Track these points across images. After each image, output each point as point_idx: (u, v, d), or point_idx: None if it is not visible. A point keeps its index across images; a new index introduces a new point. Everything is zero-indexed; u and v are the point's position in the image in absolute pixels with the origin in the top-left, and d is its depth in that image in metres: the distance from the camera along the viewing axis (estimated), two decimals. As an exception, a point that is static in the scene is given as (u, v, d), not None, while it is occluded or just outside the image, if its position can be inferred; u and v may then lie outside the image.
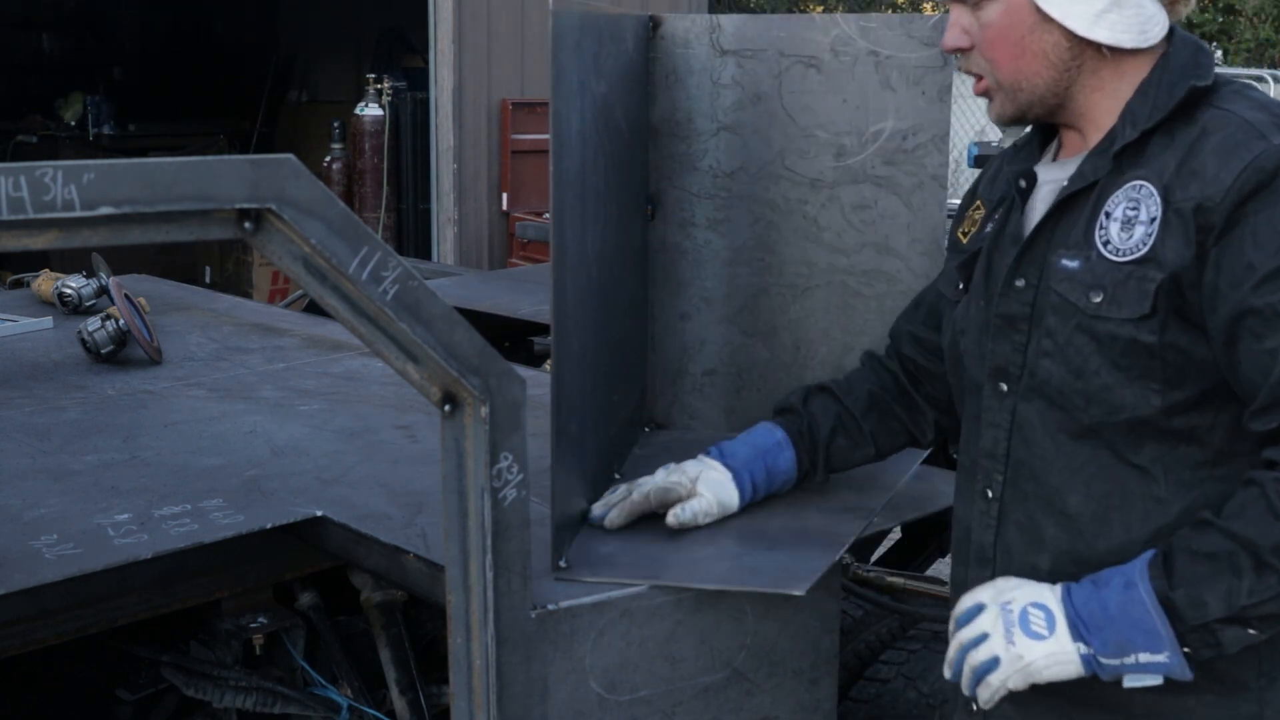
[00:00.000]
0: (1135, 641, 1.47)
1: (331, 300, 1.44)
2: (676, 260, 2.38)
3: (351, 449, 2.34)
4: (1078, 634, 1.50)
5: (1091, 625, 1.50)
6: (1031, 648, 1.52)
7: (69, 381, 2.78)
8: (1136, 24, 1.57)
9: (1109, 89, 1.61)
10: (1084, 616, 1.50)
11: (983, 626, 1.57)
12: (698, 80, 2.31)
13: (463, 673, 1.64)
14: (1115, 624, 1.48)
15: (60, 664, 2.25)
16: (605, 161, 1.99)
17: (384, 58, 9.67)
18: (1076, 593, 1.53)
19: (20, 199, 1.21)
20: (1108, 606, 1.49)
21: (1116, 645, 1.48)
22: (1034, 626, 1.52)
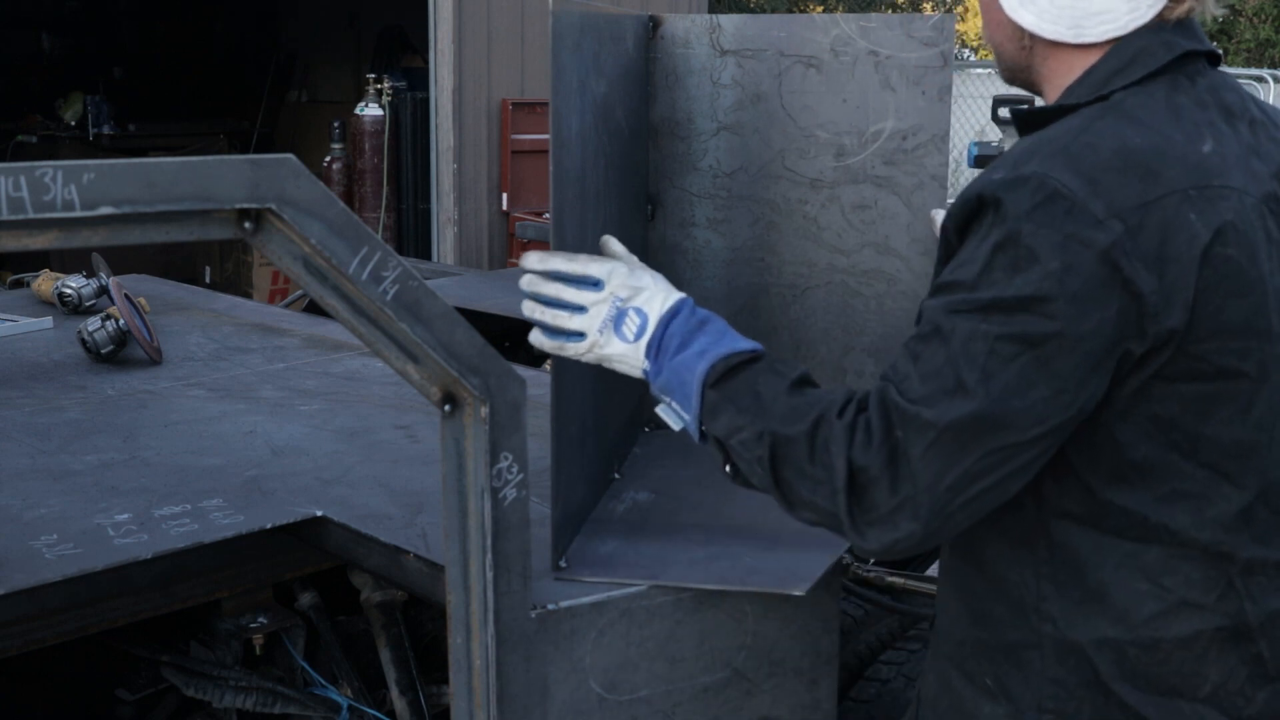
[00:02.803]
0: (675, 392, 1.55)
1: (331, 300, 1.44)
2: (676, 260, 2.38)
3: (351, 449, 2.34)
4: (650, 353, 1.59)
5: (660, 357, 1.58)
6: (614, 344, 1.61)
7: (69, 381, 2.78)
8: (1070, 15, 1.46)
9: (1058, 82, 1.52)
10: (661, 346, 1.58)
11: (586, 300, 1.62)
12: (698, 80, 2.31)
13: (463, 673, 1.64)
14: (671, 370, 1.56)
15: (60, 664, 2.25)
16: (605, 161, 1.99)
17: (384, 58, 9.67)
18: (676, 324, 1.58)
19: (20, 199, 1.22)
20: (678, 354, 1.56)
21: (664, 384, 1.57)
22: (624, 329, 1.61)
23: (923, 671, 1.75)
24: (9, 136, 9.53)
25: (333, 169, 8.16)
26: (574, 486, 1.88)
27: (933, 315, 1.38)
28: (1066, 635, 1.46)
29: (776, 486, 1.45)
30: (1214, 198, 1.35)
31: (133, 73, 11.08)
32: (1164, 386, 1.37)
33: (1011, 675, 1.51)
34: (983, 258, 1.35)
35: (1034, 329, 1.32)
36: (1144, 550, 1.43)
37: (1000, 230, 1.34)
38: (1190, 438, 1.39)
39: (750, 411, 1.47)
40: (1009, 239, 1.33)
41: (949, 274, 1.40)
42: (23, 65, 10.55)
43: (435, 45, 7.85)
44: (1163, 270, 1.33)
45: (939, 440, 1.33)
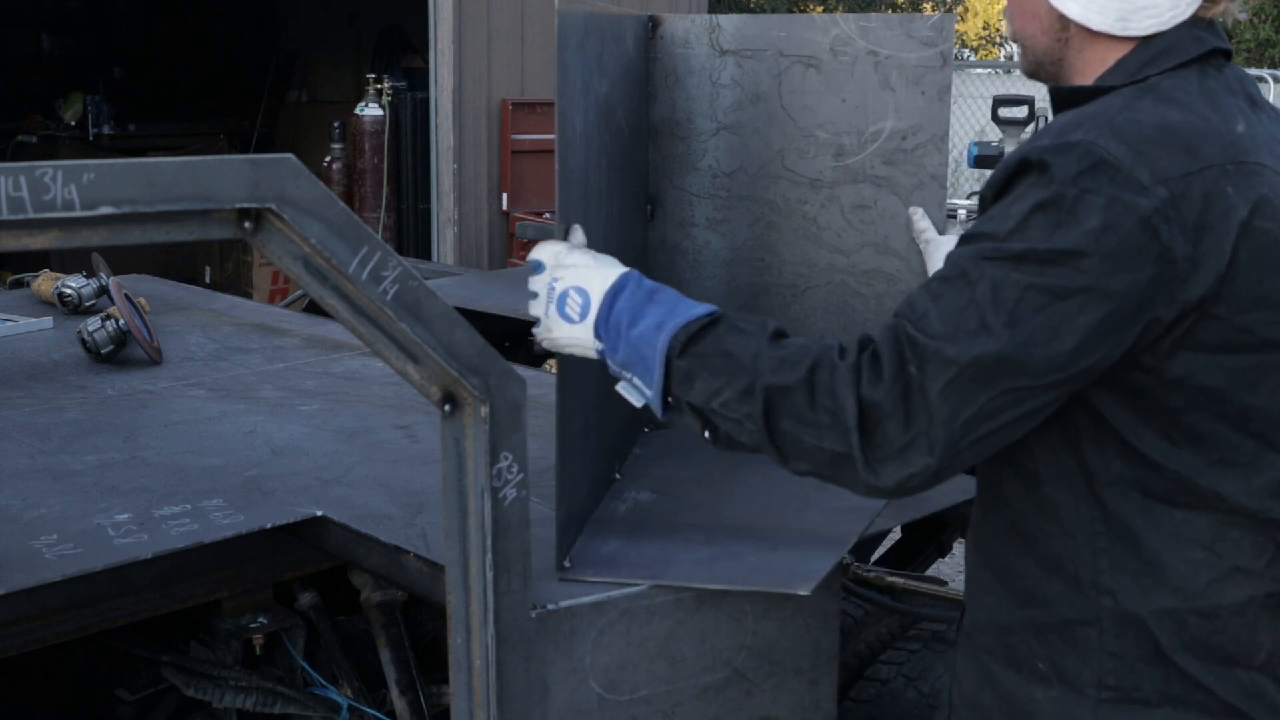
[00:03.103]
0: (634, 367, 1.55)
1: (331, 300, 1.44)
2: (676, 260, 2.38)
3: (351, 449, 2.34)
4: (598, 332, 1.58)
5: (611, 333, 1.57)
6: (560, 327, 1.61)
7: (69, 381, 2.78)
8: (1117, 9, 1.51)
9: (1090, 72, 1.56)
10: (611, 323, 1.57)
11: (536, 286, 1.64)
12: (697, 80, 2.31)
13: (463, 673, 1.64)
14: (628, 345, 1.56)
15: (60, 664, 2.25)
16: (607, 161, 1.99)
17: (384, 58, 9.67)
18: (623, 299, 1.58)
19: (20, 199, 1.22)
20: (632, 328, 1.55)
21: (622, 361, 1.57)
22: (568, 309, 1.60)
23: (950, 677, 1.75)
24: (9, 136, 9.53)
25: (333, 169, 8.16)
26: (578, 486, 1.88)
27: (959, 260, 1.41)
28: (1126, 608, 1.48)
29: (771, 440, 1.45)
30: (1249, 174, 1.40)
31: (133, 73, 11.08)
32: (1210, 358, 1.41)
33: (1066, 655, 1.52)
34: (1020, 213, 1.39)
35: (1065, 282, 1.36)
36: (1195, 518, 1.45)
37: (1044, 191, 1.38)
38: (1239, 409, 1.43)
39: (726, 372, 1.47)
40: (1053, 200, 1.38)
41: (979, 226, 1.43)
42: (23, 65, 10.55)
43: (435, 45, 7.85)
44: (1198, 239, 1.37)
45: (960, 376, 1.36)
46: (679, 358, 1.51)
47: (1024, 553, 1.55)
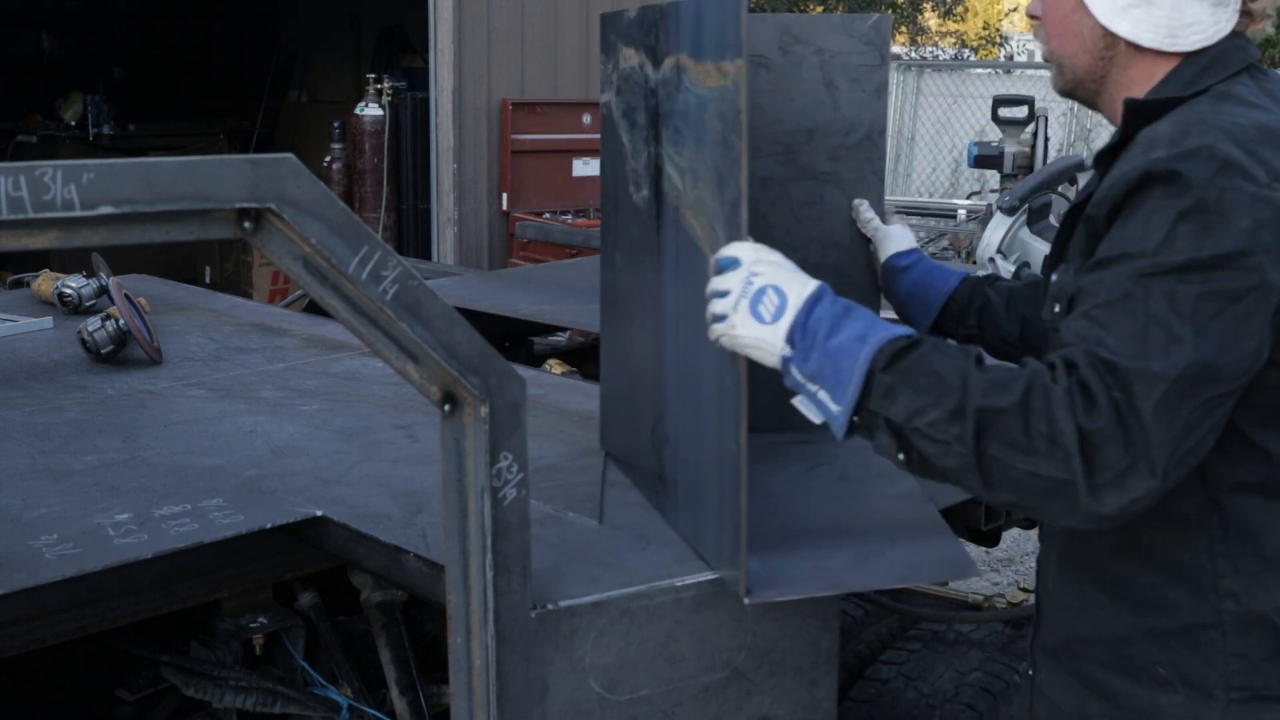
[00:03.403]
0: (826, 380, 1.49)
1: (331, 300, 1.44)
2: None
3: (351, 449, 2.34)
4: (792, 338, 1.52)
5: (806, 340, 1.51)
6: (747, 326, 1.54)
7: (69, 381, 2.78)
8: (1166, 26, 1.57)
9: (1136, 90, 1.61)
10: (808, 329, 1.51)
11: (728, 283, 1.57)
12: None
13: (463, 673, 1.64)
14: (824, 355, 1.50)
15: (60, 664, 2.25)
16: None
17: (384, 58, 9.67)
18: (821, 309, 1.52)
19: (20, 199, 1.22)
20: (832, 338, 1.50)
21: (812, 371, 1.50)
22: (761, 308, 1.54)
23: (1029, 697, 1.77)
24: (9, 136, 9.53)
25: (333, 169, 8.16)
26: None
27: (1114, 283, 1.41)
28: (1250, 608, 1.51)
29: (978, 465, 1.40)
30: None
31: (133, 73, 11.08)
32: None
33: (1189, 660, 1.54)
34: (1163, 226, 1.40)
35: (1234, 284, 1.38)
36: None
37: (1181, 199, 1.40)
38: None
39: (933, 392, 1.43)
40: (1195, 207, 1.39)
41: (1116, 247, 1.44)
42: (23, 65, 10.55)
43: (435, 45, 7.84)
44: None
45: (1169, 392, 1.36)
46: (883, 372, 1.46)
47: (1141, 565, 1.57)
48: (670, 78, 1.83)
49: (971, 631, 2.56)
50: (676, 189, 1.83)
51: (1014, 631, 2.54)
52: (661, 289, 1.94)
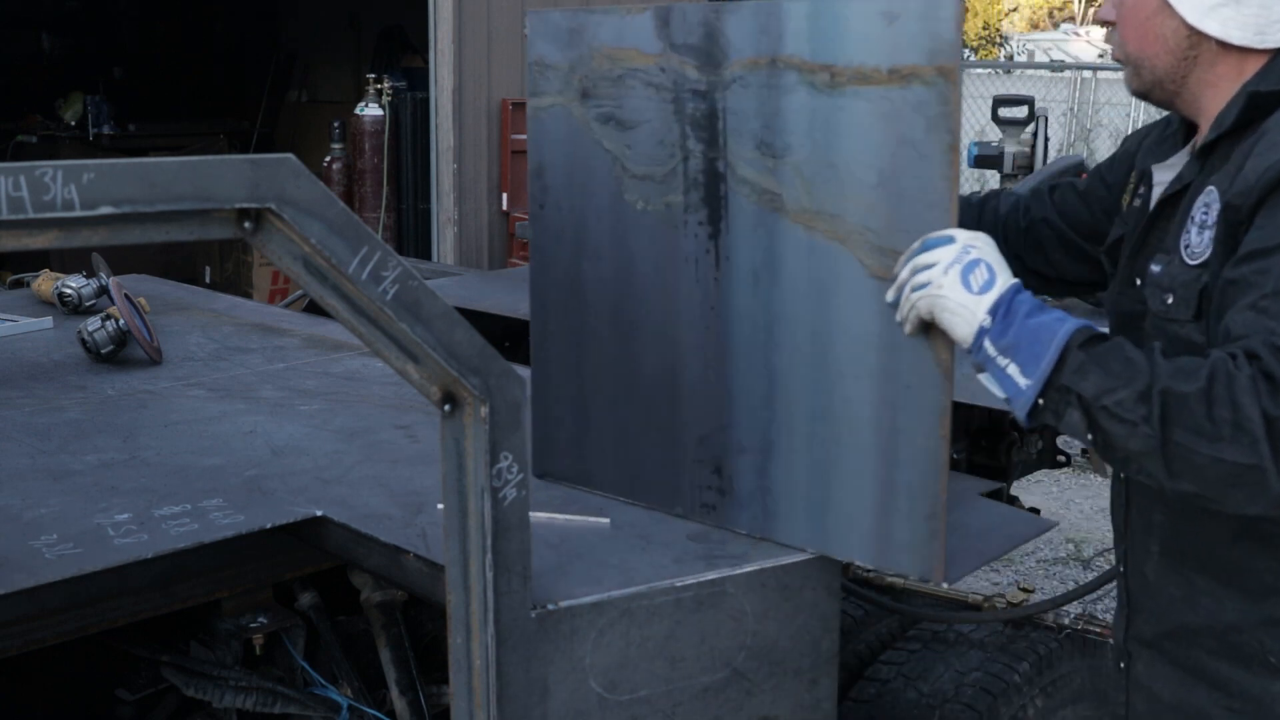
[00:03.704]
0: (1020, 354, 1.52)
1: (331, 300, 1.44)
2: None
3: (351, 449, 2.34)
4: (995, 311, 1.55)
5: (1008, 316, 1.54)
6: (955, 291, 1.57)
7: (69, 381, 2.78)
8: (1255, 23, 1.60)
9: (1223, 86, 1.64)
10: (1012, 306, 1.55)
11: (938, 256, 1.60)
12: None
13: (463, 673, 1.64)
14: (1022, 330, 1.53)
15: (60, 664, 2.25)
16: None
17: (384, 58, 9.67)
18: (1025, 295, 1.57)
19: (20, 199, 1.21)
20: (1031, 317, 1.53)
21: (1008, 344, 1.53)
22: (972, 279, 1.57)
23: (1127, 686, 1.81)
24: (9, 136, 9.53)
25: (333, 169, 8.15)
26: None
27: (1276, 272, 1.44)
28: None
29: (1163, 449, 1.43)
30: None
31: (133, 73, 11.08)
32: None
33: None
34: None
35: None
36: None
37: None
38: None
39: (1123, 374, 1.46)
40: None
41: (1274, 237, 1.46)
42: (23, 65, 10.55)
43: (435, 45, 7.84)
44: None
45: None
46: (1078, 349, 1.50)
47: (1260, 552, 1.60)
48: (751, 78, 1.80)
49: (971, 631, 2.56)
50: (770, 193, 1.81)
51: (1014, 631, 2.54)
52: (724, 299, 1.90)
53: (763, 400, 1.89)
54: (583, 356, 2.07)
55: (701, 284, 1.92)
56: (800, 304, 1.81)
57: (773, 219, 1.82)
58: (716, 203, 1.87)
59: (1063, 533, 5.73)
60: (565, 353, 2.09)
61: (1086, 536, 5.72)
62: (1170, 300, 1.60)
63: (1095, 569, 5.34)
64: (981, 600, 2.51)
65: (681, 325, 1.95)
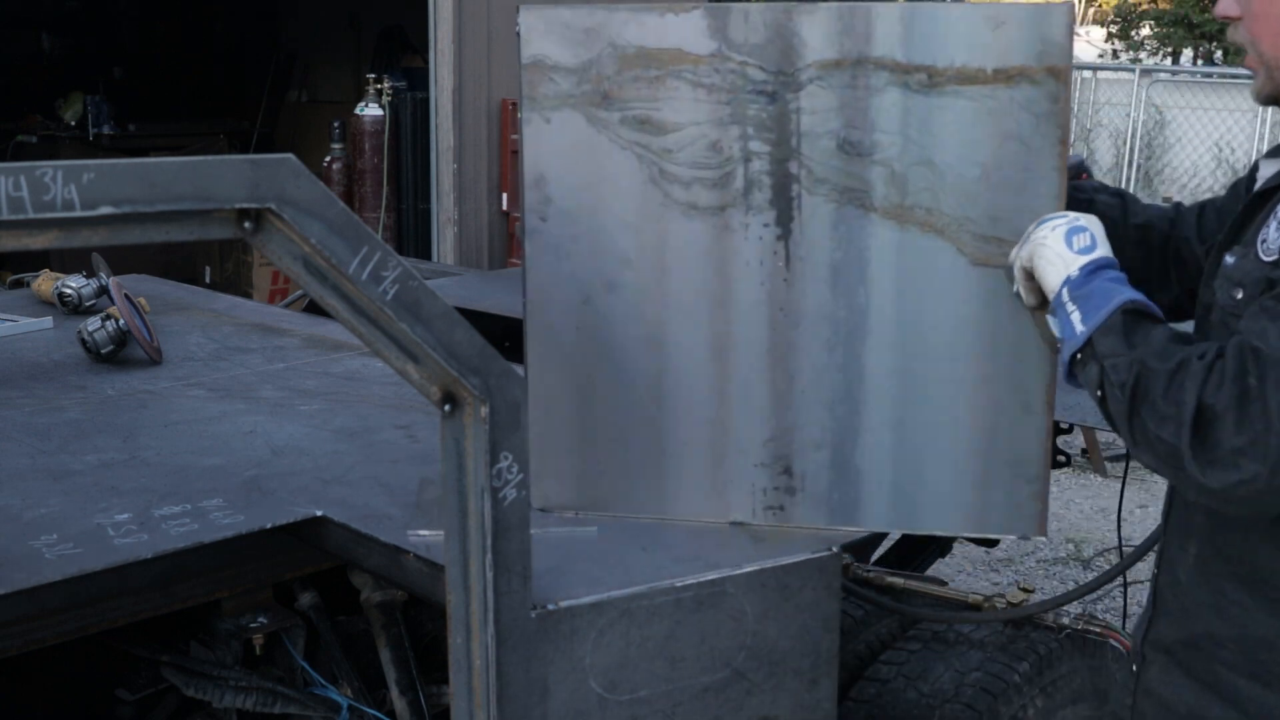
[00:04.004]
0: (1085, 302, 1.60)
1: (331, 300, 1.44)
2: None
3: (351, 449, 2.34)
4: (1084, 267, 1.63)
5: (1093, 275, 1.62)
6: (1058, 244, 1.66)
7: (69, 381, 2.78)
8: None
9: None
10: (1098, 268, 1.63)
11: (1054, 222, 1.70)
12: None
13: (463, 673, 1.64)
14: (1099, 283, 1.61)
15: (60, 664, 2.25)
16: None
17: (384, 58, 9.66)
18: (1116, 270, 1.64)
19: (20, 199, 1.22)
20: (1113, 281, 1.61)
21: (1080, 293, 1.61)
22: (1074, 240, 1.66)
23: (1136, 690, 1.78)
24: (9, 136, 9.53)
25: (333, 169, 8.15)
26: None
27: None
28: None
29: (1129, 418, 1.49)
30: None
31: (133, 73, 11.08)
32: None
33: None
34: None
35: None
36: None
37: None
38: None
39: (1132, 343, 1.52)
40: None
41: None
42: (23, 65, 10.54)
43: (435, 45, 7.84)
44: None
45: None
46: (1122, 313, 1.55)
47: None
48: (832, 78, 1.82)
49: (971, 631, 2.56)
50: (855, 192, 1.85)
51: (1014, 631, 2.54)
52: (794, 300, 1.89)
53: (842, 395, 1.92)
54: (598, 375, 1.97)
55: (766, 286, 1.90)
56: (888, 296, 1.88)
57: (856, 216, 1.86)
58: (787, 204, 1.87)
59: (1063, 533, 5.73)
60: (573, 375, 1.98)
61: (1086, 536, 5.72)
62: (1240, 295, 1.57)
63: (1095, 569, 5.34)
64: (981, 600, 2.50)
65: (737, 330, 1.92)
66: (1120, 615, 3.61)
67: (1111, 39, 19.26)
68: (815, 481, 1.96)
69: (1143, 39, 18.48)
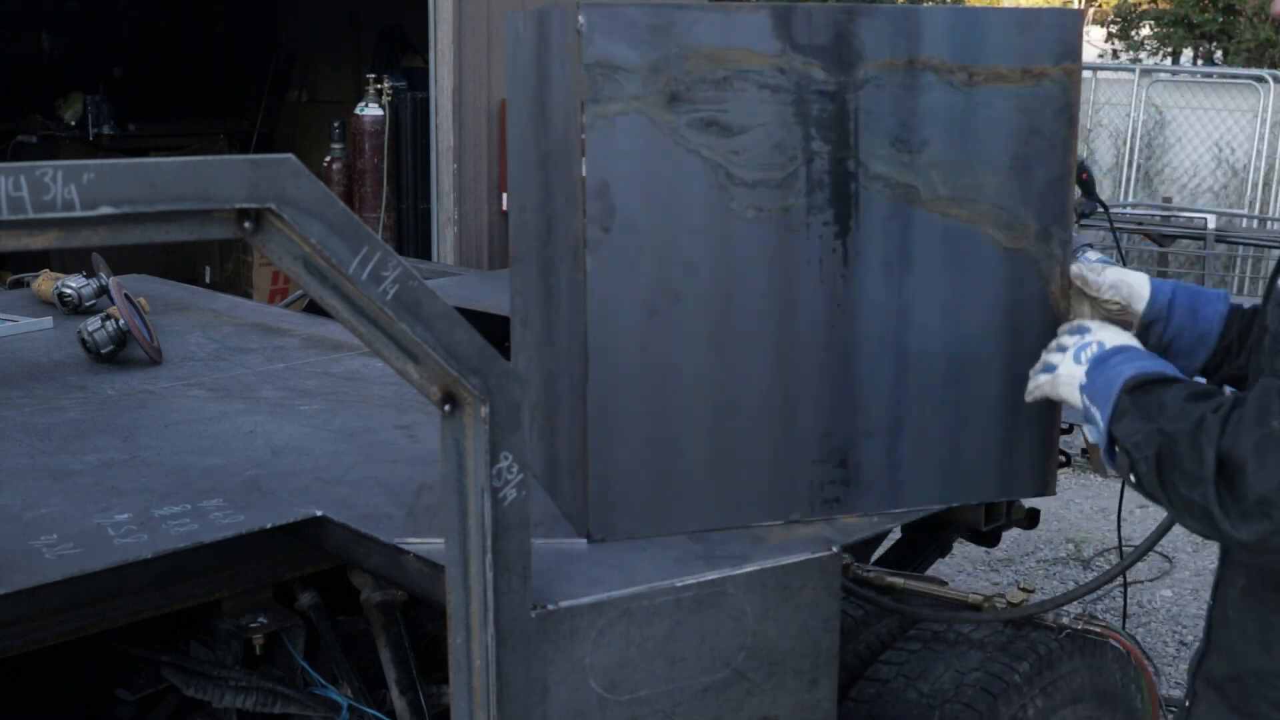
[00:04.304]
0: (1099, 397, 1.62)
1: (331, 300, 1.44)
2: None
3: (351, 449, 2.34)
4: (1089, 369, 1.68)
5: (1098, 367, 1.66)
6: (1068, 367, 1.73)
7: (69, 381, 2.78)
8: None
9: None
10: (1101, 360, 1.67)
11: (1069, 341, 1.77)
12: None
13: (463, 673, 1.64)
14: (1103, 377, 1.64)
15: (60, 664, 2.25)
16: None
17: (384, 58, 9.66)
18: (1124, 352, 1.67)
19: (20, 199, 1.22)
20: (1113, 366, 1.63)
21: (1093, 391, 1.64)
22: (1082, 355, 1.72)
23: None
24: (9, 136, 9.52)
25: (333, 169, 8.15)
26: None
27: None
28: None
29: (1162, 489, 1.46)
30: None
31: (133, 73, 11.07)
32: None
33: None
34: None
35: None
36: None
37: None
38: None
39: (1148, 416, 1.50)
40: None
41: None
42: (23, 65, 10.54)
43: (435, 45, 7.84)
44: None
45: None
46: (1127, 393, 1.55)
47: None
48: (887, 78, 1.90)
49: (971, 631, 2.56)
50: (905, 186, 1.94)
51: (1014, 631, 2.54)
52: (852, 295, 1.95)
53: (892, 383, 2.01)
54: (665, 392, 1.90)
55: (826, 283, 1.95)
56: (933, 285, 1.99)
57: (906, 210, 1.96)
58: (846, 201, 1.93)
59: (1063, 533, 5.73)
60: (640, 396, 1.89)
61: (1086, 536, 5.72)
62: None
63: (1095, 569, 5.34)
64: (981, 600, 2.50)
65: (801, 328, 1.95)
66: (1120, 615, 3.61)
67: (1111, 39, 19.26)
68: (868, 470, 2.04)
69: (1143, 39, 18.47)
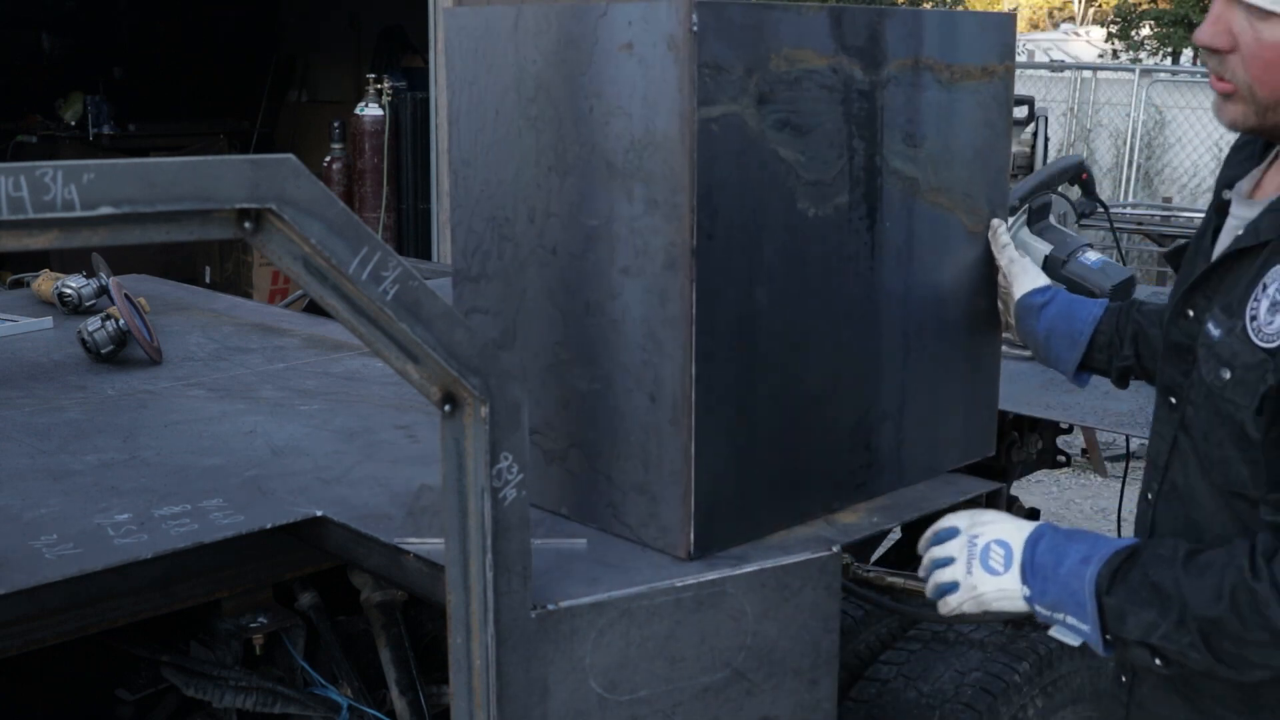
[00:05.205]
0: (1067, 606, 1.57)
1: (331, 300, 1.44)
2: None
3: (351, 449, 2.34)
4: (1025, 578, 1.61)
5: (1038, 575, 1.59)
6: (985, 581, 1.64)
7: (69, 381, 2.78)
8: None
9: None
10: (1036, 566, 1.60)
11: (950, 551, 1.69)
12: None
13: (463, 673, 1.64)
14: (1057, 584, 1.58)
15: (60, 664, 2.25)
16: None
17: (384, 58, 9.66)
18: (1044, 543, 1.61)
19: (20, 199, 1.22)
20: (1059, 567, 1.58)
21: (1052, 601, 1.58)
22: (992, 562, 1.64)
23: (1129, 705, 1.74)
24: (9, 136, 9.53)
25: (333, 169, 8.15)
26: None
27: None
28: None
29: (1218, 660, 1.48)
30: None
31: (133, 73, 11.07)
32: None
33: None
34: None
35: None
36: None
37: None
38: None
39: (1156, 606, 1.50)
40: None
41: None
42: (23, 65, 10.54)
43: (435, 45, 7.84)
44: None
45: None
46: (1108, 595, 1.53)
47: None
48: (902, 77, 1.99)
49: (971, 631, 2.56)
50: (911, 179, 2.04)
51: (1014, 631, 2.54)
52: (877, 286, 2.02)
53: (899, 366, 2.10)
54: (755, 402, 1.88)
55: (861, 278, 2.00)
56: (929, 269, 2.11)
57: (911, 201, 2.06)
58: (874, 196, 2.00)
59: (1063, 533, 5.72)
60: (733, 404, 1.86)
61: (1086, 536, 5.71)
62: (1228, 376, 1.48)
63: (1095, 569, 5.33)
64: (981, 600, 2.50)
65: (845, 325, 2.00)
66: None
67: (1111, 39, 19.27)
68: (884, 452, 2.12)
69: (1143, 39, 18.48)
